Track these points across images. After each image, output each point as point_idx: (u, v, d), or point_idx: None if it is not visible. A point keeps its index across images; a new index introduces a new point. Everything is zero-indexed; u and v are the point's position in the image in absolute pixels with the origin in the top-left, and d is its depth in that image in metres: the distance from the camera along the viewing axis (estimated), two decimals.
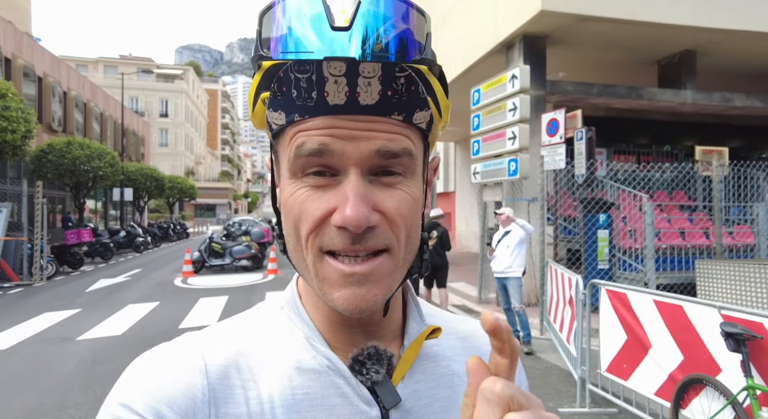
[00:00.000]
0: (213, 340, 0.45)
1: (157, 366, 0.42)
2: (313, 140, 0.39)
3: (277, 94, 0.39)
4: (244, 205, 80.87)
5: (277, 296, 0.52)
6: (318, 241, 0.40)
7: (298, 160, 0.40)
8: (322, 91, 0.38)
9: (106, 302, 7.74)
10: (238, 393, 0.42)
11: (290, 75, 0.38)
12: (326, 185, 0.40)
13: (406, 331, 0.49)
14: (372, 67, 0.37)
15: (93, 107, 20.81)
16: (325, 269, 0.41)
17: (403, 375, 0.46)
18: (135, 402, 0.39)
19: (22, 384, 4.14)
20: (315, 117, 0.39)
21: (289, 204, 0.42)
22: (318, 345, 0.45)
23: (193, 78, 50.93)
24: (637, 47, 8.09)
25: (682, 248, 6.90)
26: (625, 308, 3.36)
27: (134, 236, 16.94)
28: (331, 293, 0.41)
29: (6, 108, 9.22)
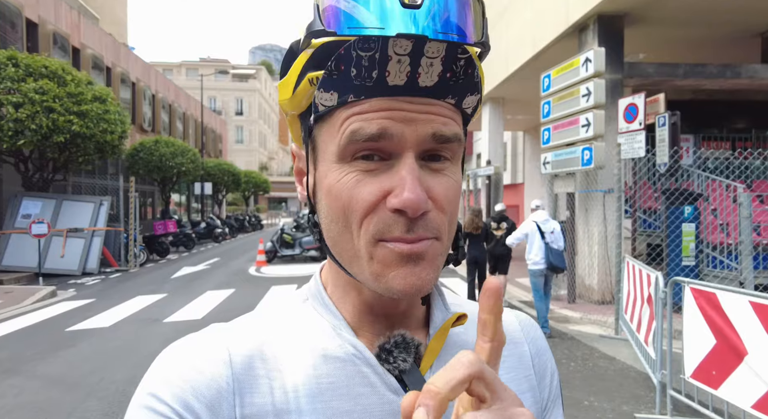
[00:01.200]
0: (238, 331, 0.46)
1: (183, 357, 0.43)
2: (372, 124, 0.38)
3: (333, 73, 0.37)
4: None
5: (297, 291, 0.51)
6: (372, 228, 0.39)
7: (351, 145, 0.39)
8: (383, 70, 0.36)
9: (188, 289, 8.41)
10: (263, 383, 0.42)
11: (352, 52, 0.36)
12: (376, 169, 0.39)
13: (431, 319, 0.48)
14: (437, 48, 0.36)
15: (177, 107, 22.53)
16: (381, 251, 0.40)
17: (431, 363, 0.44)
18: (163, 392, 0.40)
19: (122, 358, 4.64)
20: (371, 98, 0.38)
21: (335, 190, 0.40)
22: (344, 333, 0.45)
23: (266, 77, 53.37)
24: (732, 20, 7.25)
25: None
26: (714, 309, 3.05)
27: (213, 228, 18.21)
28: (387, 274, 0.40)
29: (106, 112, 10.24)
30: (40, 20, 12.51)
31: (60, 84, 9.49)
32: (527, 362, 0.51)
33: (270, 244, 12.06)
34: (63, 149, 9.84)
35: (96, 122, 9.84)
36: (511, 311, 0.56)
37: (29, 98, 8.85)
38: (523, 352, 0.52)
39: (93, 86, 10.41)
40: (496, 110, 11.82)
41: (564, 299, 7.16)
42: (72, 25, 14.16)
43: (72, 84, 9.66)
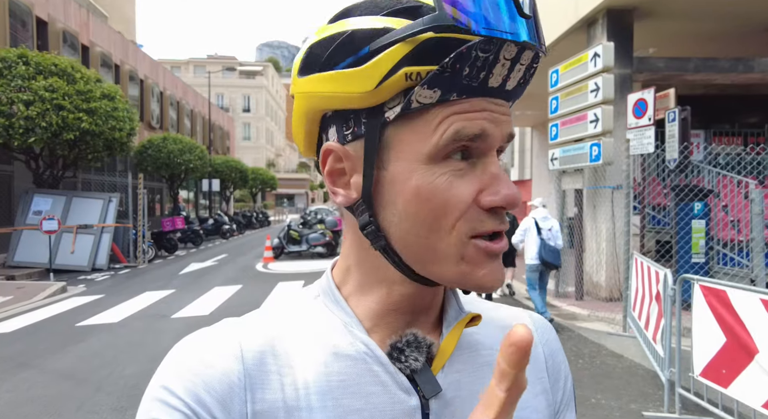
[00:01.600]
0: (250, 326, 0.46)
1: (195, 351, 0.43)
2: (474, 124, 0.38)
3: (446, 70, 0.36)
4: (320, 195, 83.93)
5: (307, 287, 0.51)
6: (466, 227, 0.40)
7: (451, 144, 0.39)
8: (489, 72, 0.38)
9: (196, 284, 8.47)
10: (274, 379, 0.42)
11: (472, 53, 0.36)
12: (464, 168, 0.40)
13: (445, 319, 0.48)
14: (528, 55, 0.38)
15: (184, 104, 22.65)
16: (471, 251, 0.40)
17: (443, 363, 0.44)
18: (175, 385, 0.40)
19: (131, 353, 4.69)
20: (471, 98, 0.38)
21: (425, 192, 0.39)
22: (356, 331, 0.44)
23: (273, 74, 53.47)
24: (743, 13, 7.12)
25: None
26: (724, 306, 3.02)
27: (221, 224, 18.32)
28: (477, 273, 0.40)
29: (115, 109, 10.33)
30: (49, 18, 12.62)
31: (69, 82, 9.58)
32: (541, 364, 0.51)
33: (277, 240, 12.11)
34: (72, 146, 9.94)
35: (105, 119, 9.92)
36: (525, 312, 0.56)
37: (39, 96, 8.94)
38: (537, 353, 0.52)
39: (102, 84, 10.49)
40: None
41: (572, 296, 7.11)
42: (81, 23, 14.26)
43: (81, 82, 9.74)
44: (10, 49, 9.47)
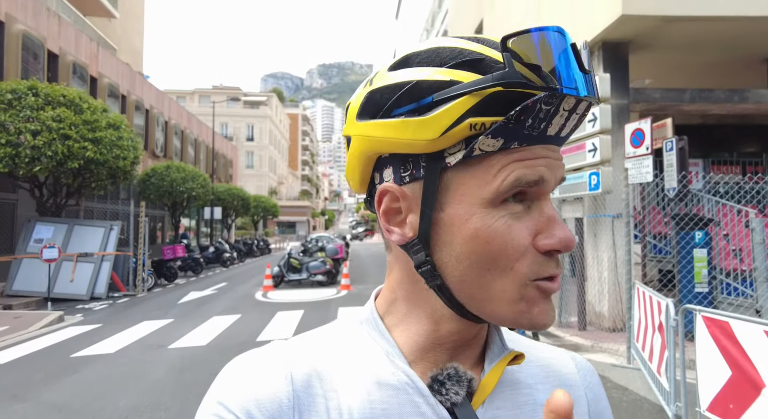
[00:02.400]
0: (298, 349, 0.47)
1: (247, 370, 0.45)
2: (534, 171, 0.41)
3: (510, 122, 0.39)
4: (322, 222, 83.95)
5: (352, 313, 0.53)
6: (527, 269, 0.41)
7: (510, 190, 0.41)
8: (549, 122, 0.40)
9: (195, 314, 8.38)
10: (320, 402, 0.44)
11: (537, 106, 0.38)
12: (521, 211, 0.42)
13: (487, 355, 0.48)
14: (583, 106, 0.41)
15: (188, 133, 23.01)
16: (530, 291, 0.41)
17: (483, 399, 0.45)
18: (229, 401, 0.42)
19: (125, 384, 4.59)
20: (531, 146, 0.41)
21: (484, 235, 0.41)
22: (398, 361, 0.45)
23: (276, 104, 54.53)
24: (738, 46, 7.30)
25: None
26: (728, 338, 2.96)
27: (222, 252, 18.27)
28: (532, 311, 0.42)
29: (120, 138, 10.50)
30: (60, 52, 13.00)
31: (77, 112, 9.78)
32: (583, 408, 0.51)
33: (277, 268, 12.04)
34: (77, 174, 10.05)
35: (109, 148, 10.07)
36: (567, 353, 0.56)
37: (47, 126, 9.12)
38: (578, 396, 0.51)
39: (108, 113, 10.70)
40: None
41: (575, 327, 7.00)
42: (91, 55, 14.68)
43: (88, 112, 9.94)
44: (21, 81, 9.72)
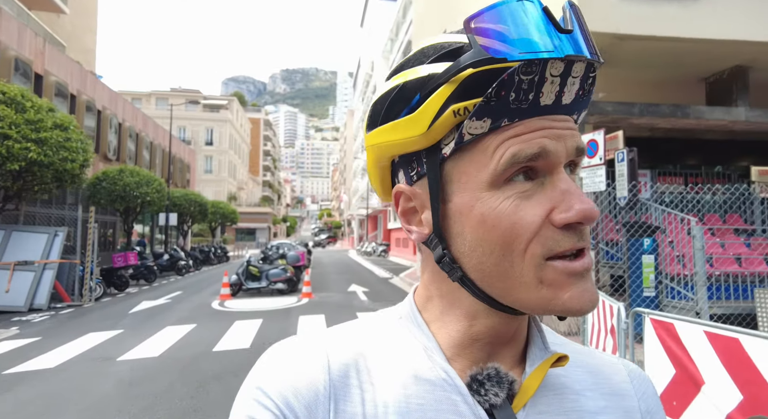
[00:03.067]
0: (336, 339, 0.47)
1: (286, 357, 0.45)
2: (531, 144, 0.38)
3: (491, 99, 0.38)
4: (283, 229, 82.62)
5: (391, 308, 0.52)
6: (540, 249, 0.39)
7: (510, 168, 0.39)
8: (538, 92, 0.38)
9: (147, 324, 7.98)
10: (355, 393, 0.43)
11: (515, 77, 0.37)
12: (529, 189, 0.40)
13: (529, 356, 0.46)
14: (580, 68, 0.38)
15: (144, 136, 22.10)
16: (550, 273, 0.39)
17: (524, 402, 0.43)
18: (268, 386, 0.42)
19: (68, 402, 4.27)
20: (524, 120, 0.39)
21: (491, 219, 0.39)
22: (436, 357, 0.44)
23: (237, 107, 53.41)
24: (682, 64, 7.80)
25: (739, 276, 6.39)
26: (672, 339, 3.11)
27: (177, 260, 17.57)
28: (561, 296, 0.39)
29: (68, 139, 9.92)
30: (0, 46, 12.21)
31: (18, 110, 9.17)
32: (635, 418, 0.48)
33: (235, 277, 11.70)
34: (17, 177, 9.40)
35: (55, 149, 9.49)
36: (620, 360, 0.52)
37: None
38: (630, 407, 0.48)
39: (55, 113, 10.10)
40: None
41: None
42: (36, 51, 13.86)
43: (32, 111, 9.35)
44: None
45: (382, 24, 38.25)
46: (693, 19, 6.69)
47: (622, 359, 0.53)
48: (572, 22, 0.38)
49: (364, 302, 10.32)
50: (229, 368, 5.26)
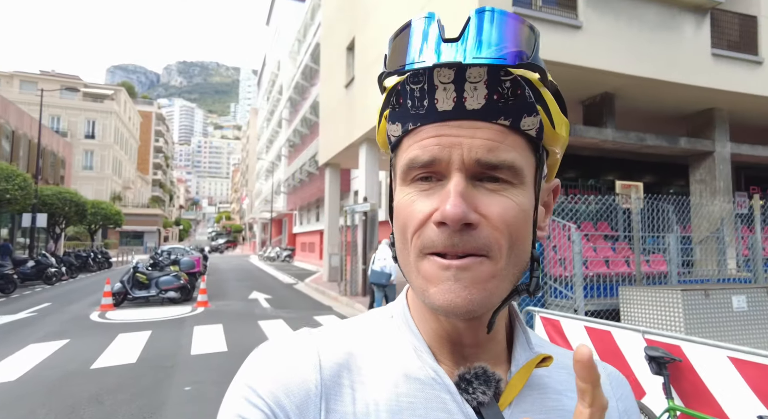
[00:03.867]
0: (328, 338, 0.47)
1: (278, 356, 0.45)
2: (425, 151, 0.41)
3: (395, 106, 0.43)
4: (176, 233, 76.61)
5: (385, 306, 0.53)
6: (420, 242, 0.42)
7: (411, 171, 0.43)
8: (432, 98, 0.41)
9: (2, 343, 6.81)
10: (347, 393, 0.43)
11: (406, 87, 0.42)
12: (430, 189, 0.42)
13: (513, 357, 0.48)
14: (478, 72, 0.40)
15: (3, 124, 19.03)
16: (425, 266, 0.42)
17: (510, 400, 0.44)
18: (258, 385, 0.42)
19: None
20: (426, 125, 0.42)
21: (398, 209, 0.44)
22: (425, 356, 0.46)
23: (126, 99, 48.45)
24: (563, 87, 8.69)
25: (607, 276, 7.31)
26: (558, 334, 3.44)
27: (45, 267, 15.32)
28: (429, 289, 0.41)
29: None
30: None
31: None
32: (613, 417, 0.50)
33: (119, 285, 10.52)
34: None
35: None
36: (599, 363, 0.53)
37: None
38: (610, 408, 0.50)
39: None
40: (372, 150, 12.34)
41: None
42: None
43: None
44: None
45: (289, 24, 37.48)
46: (574, 48, 7.56)
47: (600, 361, 0.55)
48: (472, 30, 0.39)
49: (266, 310, 9.93)
50: (110, 387, 4.69)
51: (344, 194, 21.06)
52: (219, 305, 10.54)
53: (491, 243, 0.40)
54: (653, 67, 7.95)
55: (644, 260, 7.81)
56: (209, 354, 5.99)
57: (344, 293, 11.55)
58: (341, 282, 11.91)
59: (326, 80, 16.35)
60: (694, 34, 8.40)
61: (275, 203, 40.33)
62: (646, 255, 8.12)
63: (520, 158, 0.42)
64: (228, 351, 6.22)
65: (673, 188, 11.53)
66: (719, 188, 9.42)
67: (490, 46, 0.38)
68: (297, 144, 30.03)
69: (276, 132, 40.54)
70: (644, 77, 7.88)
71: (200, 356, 5.92)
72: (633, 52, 7.82)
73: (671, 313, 5.60)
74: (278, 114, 37.82)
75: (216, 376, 5.05)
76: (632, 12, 7.94)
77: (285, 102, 33.36)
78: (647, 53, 7.93)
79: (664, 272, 7.68)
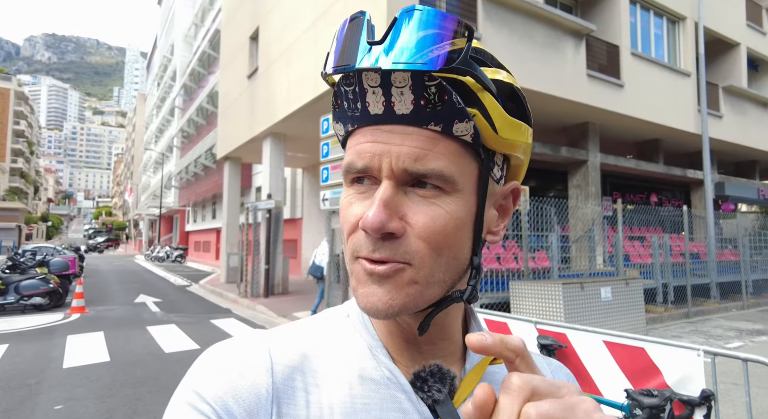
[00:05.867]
0: (280, 340, 0.46)
1: (226, 359, 0.43)
2: (359, 158, 0.42)
3: (335, 107, 0.44)
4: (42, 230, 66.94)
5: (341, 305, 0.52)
6: (351, 244, 0.43)
7: (348, 174, 0.44)
8: (364, 101, 0.41)
9: None
10: (300, 396, 0.43)
11: (341, 88, 0.42)
12: (365, 191, 0.43)
13: (468, 355, 0.48)
14: (402, 77, 0.39)
15: None
16: (356, 268, 0.43)
17: (465, 397, 0.44)
18: (205, 391, 0.41)
19: None
20: (362, 127, 0.42)
21: (340, 210, 0.45)
22: (381, 356, 0.46)
23: None
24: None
25: (499, 271, 7.93)
26: None
27: None
28: (357, 290, 0.43)
29: None
30: None
31: None
32: None
33: None
34: None
35: None
36: (544, 359, 0.57)
37: None
38: None
39: None
40: (277, 146, 11.91)
41: None
42: None
43: None
44: None
45: (185, 6, 34.73)
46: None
47: (545, 357, 0.58)
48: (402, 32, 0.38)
49: (156, 314, 9.09)
50: None
51: (245, 190, 20.11)
52: (99, 310, 9.41)
53: (412, 252, 0.41)
54: (542, 81, 8.79)
55: (531, 257, 8.62)
56: (87, 366, 5.30)
57: (244, 294, 11.03)
58: (241, 284, 11.34)
59: (227, 69, 15.45)
60: (574, 55, 9.47)
61: (165, 198, 37.09)
62: (532, 253, 8.95)
63: (452, 166, 0.41)
64: (111, 360, 5.57)
65: (553, 192, 12.88)
66: (591, 193, 10.75)
67: (413, 49, 0.37)
68: (192, 135, 27.98)
69: (168, 121, 37.39)
70: (535, 90, 8.67)
71: (75, 369, 5.21)
72: (526, 66, 8.57)
73: (553, 304, 6.25)
74: (170, 102, 34.91)
75: (96, 390, 4.49)
76: (525, 30, 8.70)
77: (179, 89, 30.90)
78: (537, 69, 8.75)
79: (547, 267, 8.55)
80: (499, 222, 0.49)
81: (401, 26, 0.38)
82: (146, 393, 4.44)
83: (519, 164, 0.48)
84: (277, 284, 11.30)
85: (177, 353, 5.97)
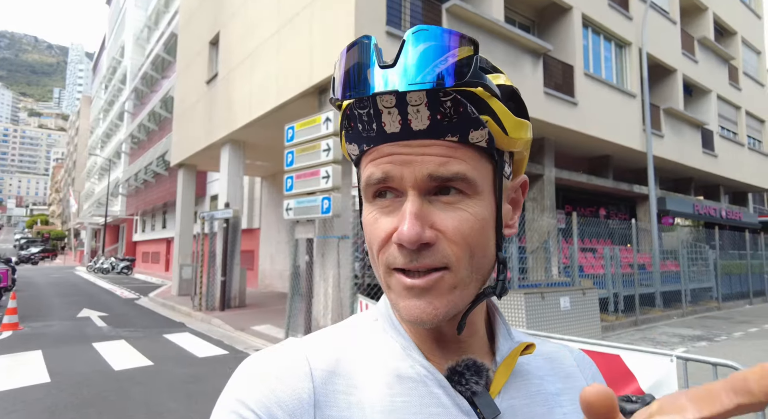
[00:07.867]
0: (316, 346, 0.48)
1: (267, 367, 0.45)
2: (379, 168, 0.43)
3: (348, 129, 0.45)
4: None
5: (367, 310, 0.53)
6: (385, 258, 0.44)
7: (369, 187, 0.45)
8: (379, 122, 0.42)
9: None
10: (341, 398, 0.44)
11: (354, 112, 0.44)
12: (389, 205, 0.44)
13: (497, 348, 0.50)
14: (417, 96, 0.41)
15: None
16: (393, 281, 0.44)
17: (500, 388, 0.46)
18: (249, 398, 0.42)
19: None
20: (378, 146, 0.43)
21: (365, 226, 0.46)
22: (414, 355, 0.47)
23: None
24: None
25: None
26: None
27: None
28: (399, 304, 0.44)
29: None
30: None
31: None
32: None
33: None
34: None
35: None
36: (565, 347, 0.58)
37: None
38: (581, 387, 0.53)
39: None
40: (236, 153, 11.56)
41: None
42: None
43: None
44: None
45: (137, 7, 33.38)
46: None
47: (565, 345, 0.59)
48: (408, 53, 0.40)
49: (102, 329, 8.49)
50: None
51: (199, 199, 19.37)
52: (35, 326, 8.67)
53: (449, 256, 0.43)
54: None
55: None
56: (22, 389, 4.83)
57: (199, 308, 10.54)
58: (195, 296, 10.83)
59: (184, 74, 14.92)
60: (532, 73, 9.88)
61: (111, 206, 35.07)
62: None
63: (472, 170, 0.43)
64: (51, 381, 5.11)
65: None
66: (547, 206, 11.16)
67: (425, 69, 0.39)
68: (142, 141, 26.74)
69: (116, 125, 35.58)
70: None
71: (8, 392, 4.74)
72: None
73: (516, 313, 6.38)
74: (120, 106, 33.30)
75: (35, 414, 4.10)
76: (486, 46, 8.98)
77: (129, 93, 29.56)
78: None
79: (508, 278, 8.76)
80: (513, 215, 0.52)
81: (410, 47, 0.40)
82: (96, 414, 4.10)
83: (521, 157, 0.51)
84: (233, 297, 10.88)
85: (128, 370, 5.58)
